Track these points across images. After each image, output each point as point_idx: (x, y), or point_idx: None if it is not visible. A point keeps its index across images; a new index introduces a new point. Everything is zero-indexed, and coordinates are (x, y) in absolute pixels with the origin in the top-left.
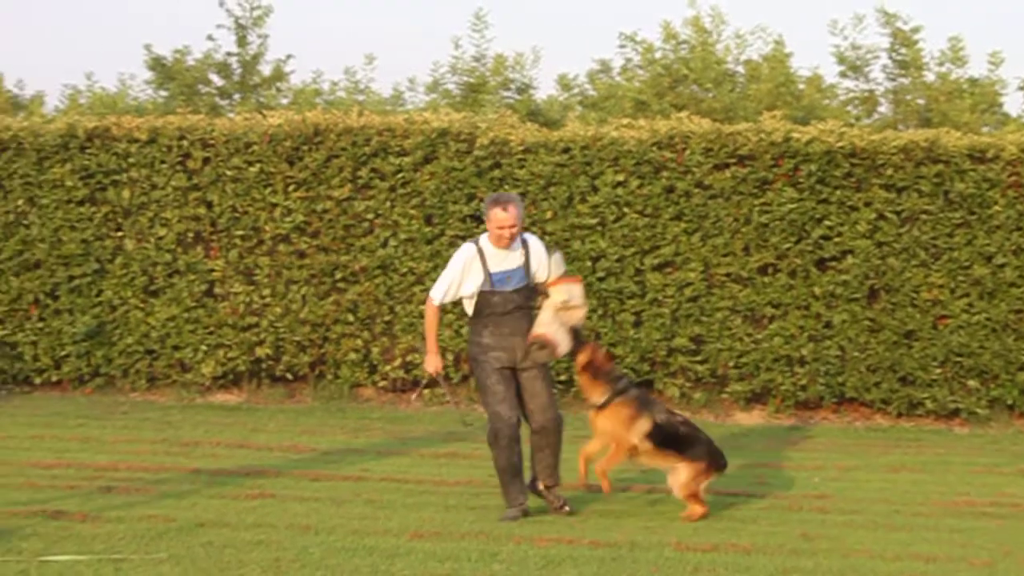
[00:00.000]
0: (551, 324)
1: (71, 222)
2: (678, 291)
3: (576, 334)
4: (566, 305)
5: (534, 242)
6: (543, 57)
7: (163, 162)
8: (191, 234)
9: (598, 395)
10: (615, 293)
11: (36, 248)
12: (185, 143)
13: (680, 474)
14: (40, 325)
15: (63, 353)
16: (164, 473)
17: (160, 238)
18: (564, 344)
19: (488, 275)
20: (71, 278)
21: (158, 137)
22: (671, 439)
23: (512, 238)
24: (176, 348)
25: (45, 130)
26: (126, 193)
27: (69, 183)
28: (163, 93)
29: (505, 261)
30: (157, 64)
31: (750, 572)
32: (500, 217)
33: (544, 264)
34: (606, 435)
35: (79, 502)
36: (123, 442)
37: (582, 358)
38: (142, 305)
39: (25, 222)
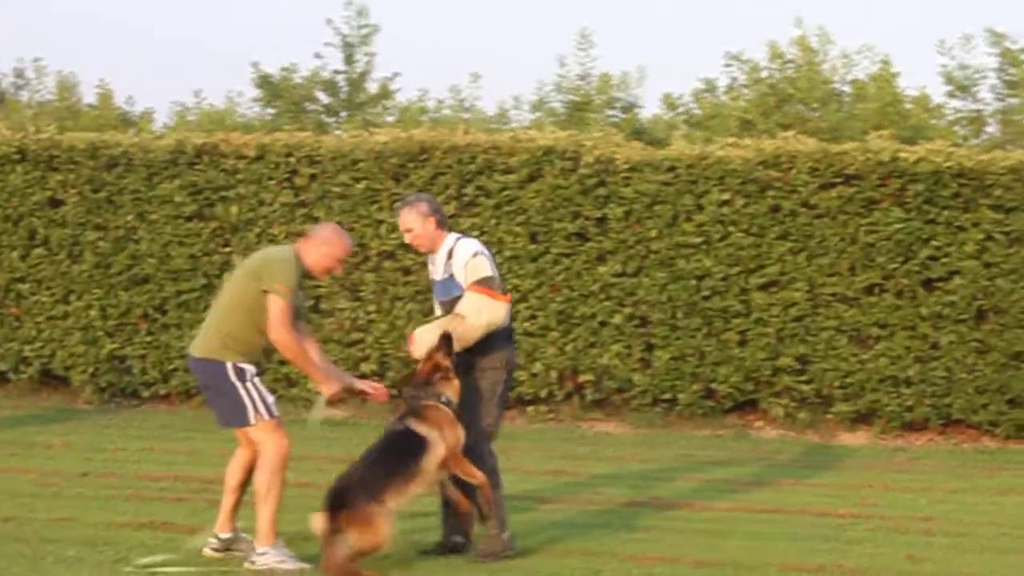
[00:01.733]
0: (431, 328)
1: (180, 237)
2: (783, 310)
3: (444, 344)
4: (456, 315)
5: (460, 249)
6: (648, 76)
7: (271, 179)
8: None
9: None
10: (720, 312)
11: (145, 263)
12: (292, 160)
13: None
14: (148, 339)
15: (171, 367)
16: None
17: None
18: (421, 347)
19: (432, 283)
20: (179, 293)
21: (266, 154)
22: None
23: (420, 246)
24: (282, 363)
25: (155, 146)
26: (234, 209)
27: (178, 199)
28: (270, 110)
29: (437, 270)
30: (264, 82)
31: None
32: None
33: (464, 275)
34: None
35: (186, 514)
36: (229, 455)
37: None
38: None
39: (135, 237)
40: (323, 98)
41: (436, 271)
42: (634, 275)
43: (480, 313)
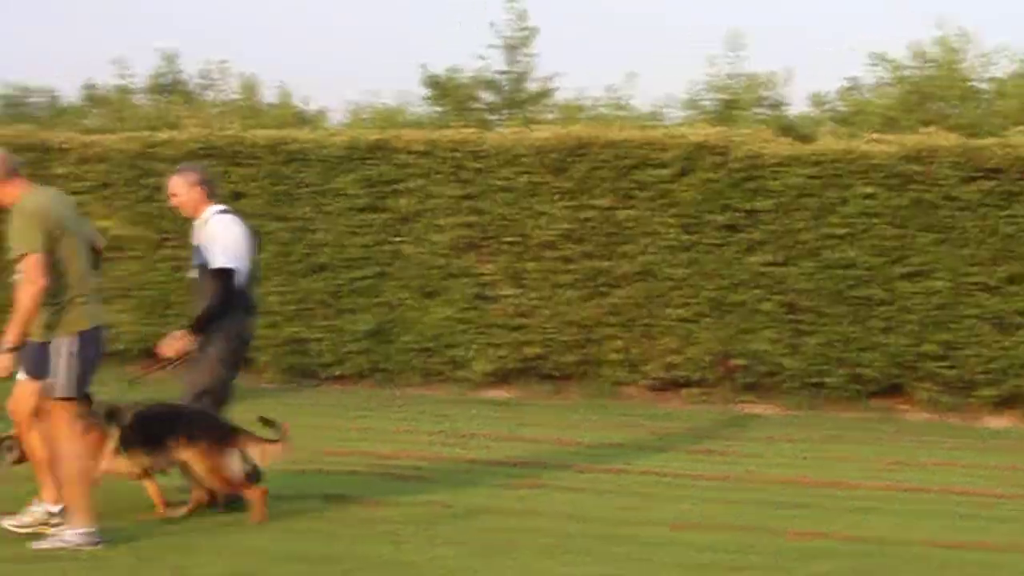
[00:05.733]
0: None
1: (354, 228)
2: (926, 299)
3: None
4: None
5: (215, 223)
6: (795, 75)
7: (438, 173)
8: (464, 240)
9: None
10: (865, 300)
11: (322, 252)
12: (459, 155)
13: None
14: (325, 324)
15: (346, 350)
16: (441, 462)
17: (435, 243)
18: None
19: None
20: (353, 280)
21: (434, 149)
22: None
23: (181, 208)
24: (450, 346)
25: (330, 142)
26: (404, 201)
27: (352, 191)
28: (438, 109)
29: (195, 235)
30: (432, 82)
31: (999, 571)
32: None
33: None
34: None
35: (360, 487)
36: (402, 432)
37: None
38: (419, 306)
39: (312, 228)
40: (487, 97)
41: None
42: (783, 264)
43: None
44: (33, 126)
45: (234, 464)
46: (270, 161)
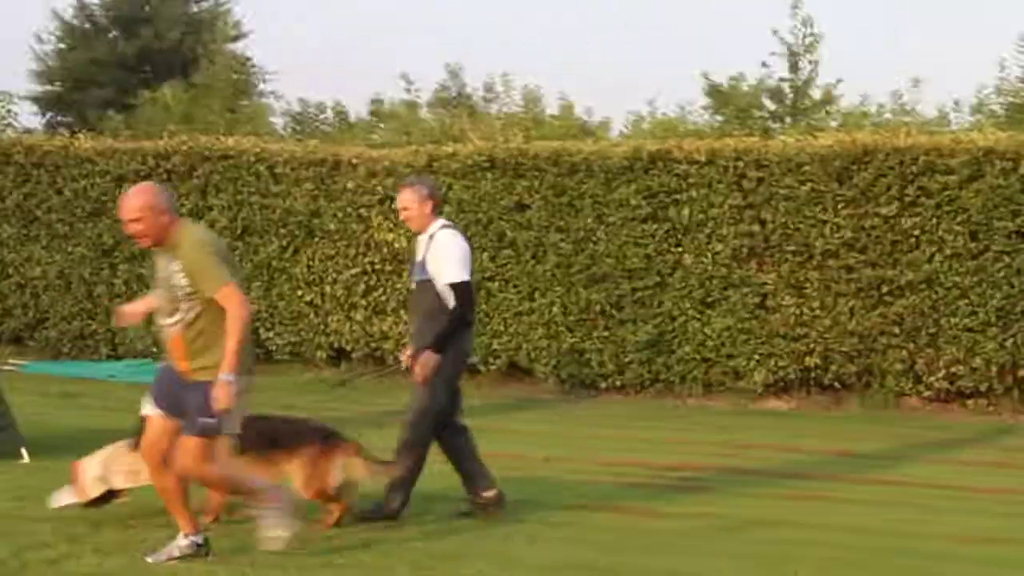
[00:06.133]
0: None
1: (635, 238)
2: None
3: None
4: None
5: (443, 237)
6: None
7: (719, 182)
8: (745, 249)
9: None
10: None
11: (603, 262)
12: (740, 164)
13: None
14: (606, 334)
15: (627, 360)
16: (719, 473)
17: (716, 253)
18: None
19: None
20: (634, 290)
21: (715, 159)
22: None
23: (409, 221)
24: (730, 356)
25: (612, 153)
26: (685, 211)
27: (633, 202)
28: (719, 118)
29: (419, 249)
30: (713, 91)
31: None
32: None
33: (438, 267)
34: None
35: (641, 497)
36: (681, 443)
37: None
38: (699, 316)
39: (593, 238)
40: (769, 104)
41: (419, 249)
42: None
43: None
44: (324, 141)
45: (334, 476)
46: (552, 173)
